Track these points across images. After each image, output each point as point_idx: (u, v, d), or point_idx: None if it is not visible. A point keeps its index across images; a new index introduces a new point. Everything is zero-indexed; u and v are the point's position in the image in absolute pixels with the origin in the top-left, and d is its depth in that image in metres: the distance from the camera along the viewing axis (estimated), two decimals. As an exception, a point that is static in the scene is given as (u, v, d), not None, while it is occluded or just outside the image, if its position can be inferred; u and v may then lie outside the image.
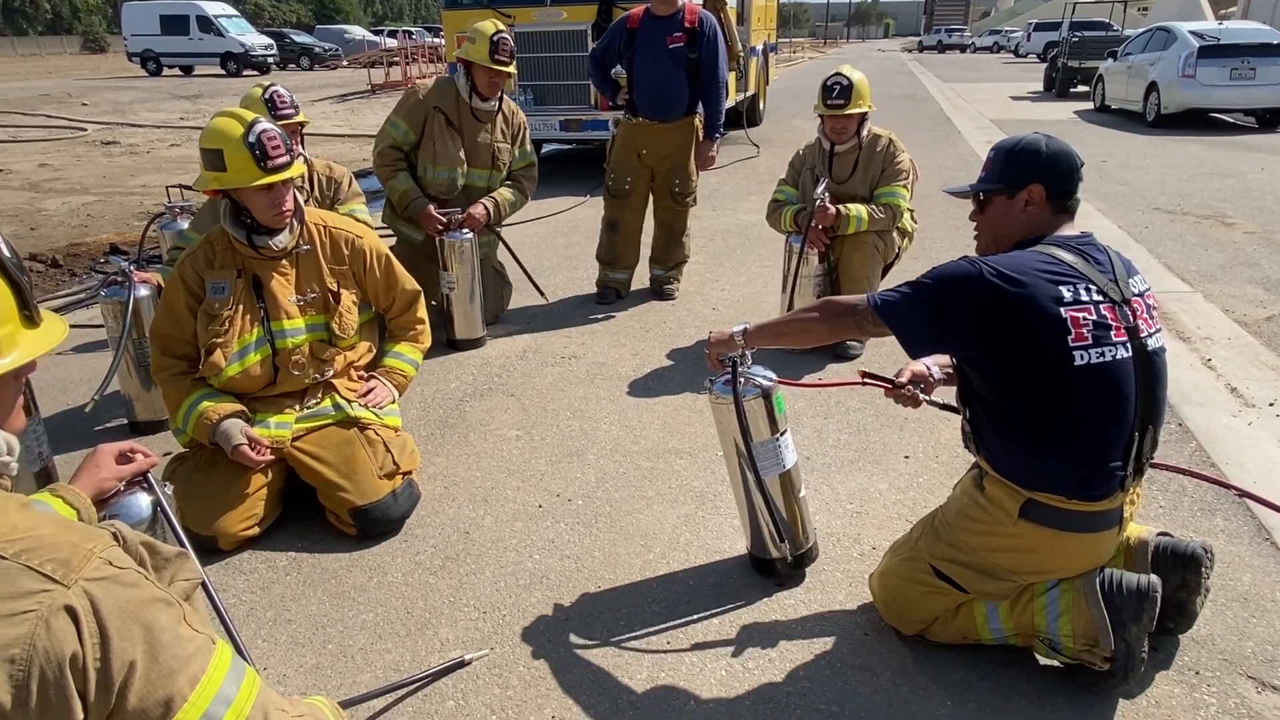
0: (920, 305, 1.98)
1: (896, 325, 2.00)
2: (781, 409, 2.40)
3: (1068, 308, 1.85)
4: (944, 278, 1.96)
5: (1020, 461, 1.96)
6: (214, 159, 2.58)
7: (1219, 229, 6.64)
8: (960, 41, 55.78)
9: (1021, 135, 2.09)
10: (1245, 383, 3.80)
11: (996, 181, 2.06)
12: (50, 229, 7.53)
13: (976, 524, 2.04)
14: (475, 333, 4.45)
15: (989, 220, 2.11)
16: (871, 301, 2.03)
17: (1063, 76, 18.68)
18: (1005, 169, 2.05)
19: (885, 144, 4.12)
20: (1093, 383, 1.86)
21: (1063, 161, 2.01)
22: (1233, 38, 12.60)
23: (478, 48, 4.15)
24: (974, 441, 2.09)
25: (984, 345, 1.93)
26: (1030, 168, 2.01)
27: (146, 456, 1.76)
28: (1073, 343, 1.84)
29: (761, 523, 2.44)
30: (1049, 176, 2.00)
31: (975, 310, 1.89)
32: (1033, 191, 2.00)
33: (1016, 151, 2.04)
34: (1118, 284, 1.93)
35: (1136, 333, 1.91)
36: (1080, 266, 1.91)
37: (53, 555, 1.07)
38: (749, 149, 10.62)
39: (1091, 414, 1.89)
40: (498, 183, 4.52)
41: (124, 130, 14.57)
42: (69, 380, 4.06)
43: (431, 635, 2.31)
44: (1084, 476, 1.92)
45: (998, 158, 2.08)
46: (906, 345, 2.04)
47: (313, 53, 34.40)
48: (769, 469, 2.38)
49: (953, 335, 1.97)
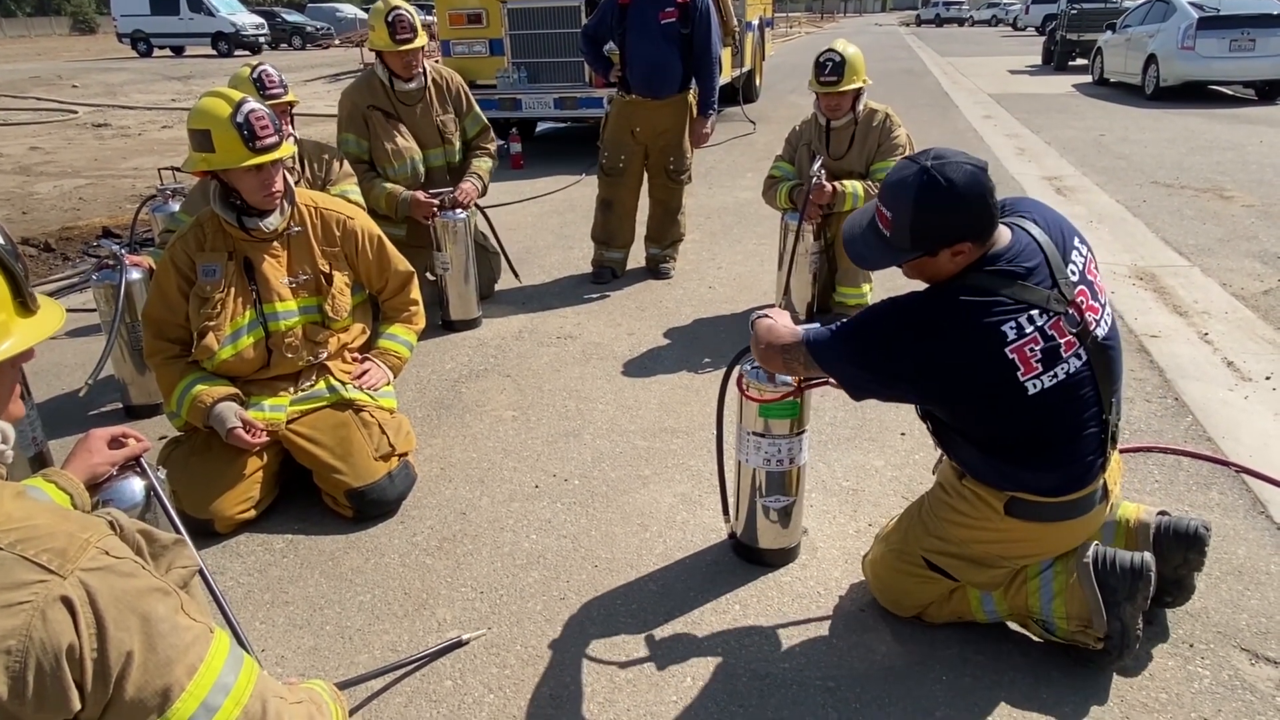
0: (855, 355, 1.91)
1: (832, 371, 1.95)
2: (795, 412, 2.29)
3: (1013, 346, 1.76)
4: (875, 330, 1.88)
5: (994, 471, 1.95)
6: (202, 140, 2.55)
7: (1217, 202, 6.61)
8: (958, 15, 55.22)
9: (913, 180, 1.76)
10: (1242, 357, 3.80)
11: (910, 251, 1.82)
12: (42, 213, 7.48)
13: (964, 517, 2.03)
14: (470, 313, 4.44)
15: (913, 270, 1.90)
16: (806, 341, 1.95)
17: (1061, 49, 18.51)
18: (915, 236, 1.79)
19: (882, 119, 4.09)
20: (1051, 402, 1.82)
21: (974, 201, 1.74)
22: (1232, 9, 12.46)
23: (378, 34, 4.09)
24: (945, 448, 2.07)
25: (928, 392, 1.89)
26: (946, 228, 1.76)
27: (139, 441, 1.76)
28: (1023, 377, 1.78)
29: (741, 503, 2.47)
30: (969, 229, 1.76)
31: (913, 371, 1.84)
32: (959, 250, 1.79)
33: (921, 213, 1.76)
34: (1058, 286, 1.81)
35: (1086, 331, 1.83)
36: (1017, 294, 1.77)
37: (49, 545, 1.06)
38: (745, 125, 10.54)
39: (1057, 428, 1.87)
40: (455, 156, 4.46)
41: (115, 112, 14.44)
42: (63, 365, 4.05)
43: (429, 616, 2.32)
44: (1062, 478, 1.91)
45: (900, 219, 1.79)
46: (848, 390, 1.98)
47: (305, 32, 34.05)
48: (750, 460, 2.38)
49: (897, 387, 1.91)
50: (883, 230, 1.86)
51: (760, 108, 12.17)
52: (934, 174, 1.75)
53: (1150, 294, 4.61)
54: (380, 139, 4.22)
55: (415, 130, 4.30)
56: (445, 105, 4.40)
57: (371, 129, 4.23)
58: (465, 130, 4.50)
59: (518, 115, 8.78)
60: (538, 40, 8.53)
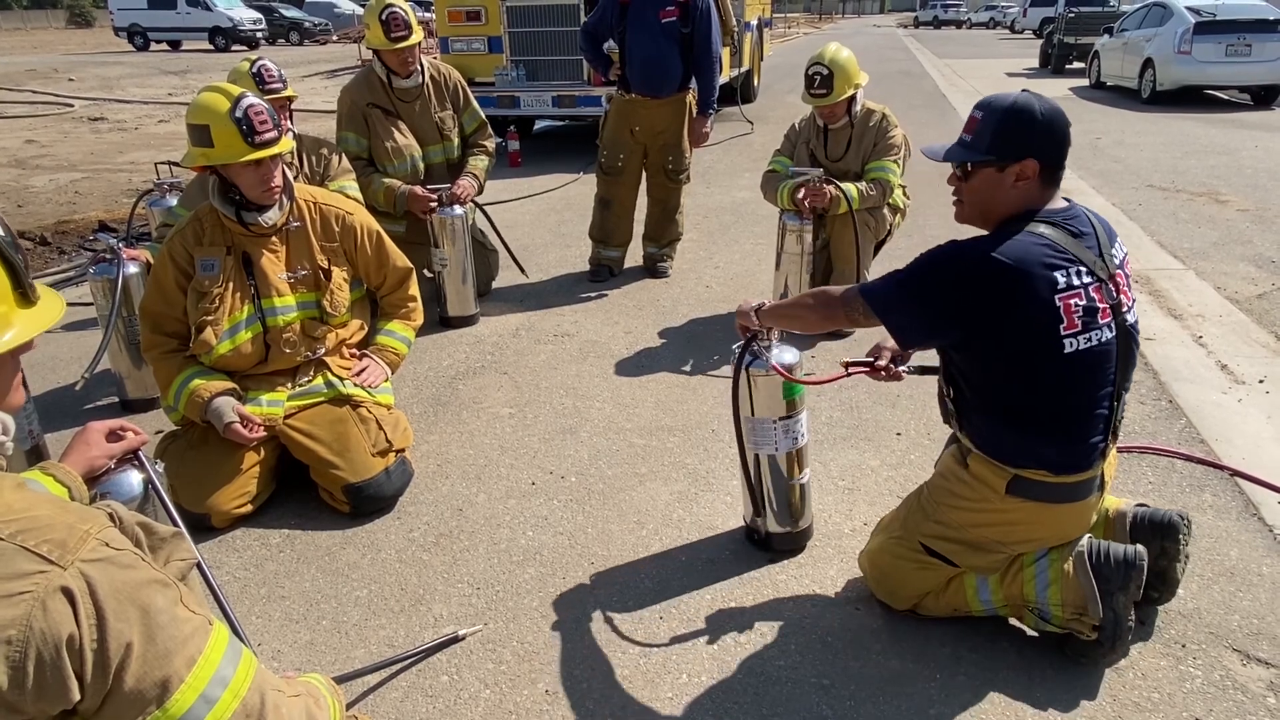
0: (910, 295, 1.94)
1: (886, 316, 1.97)
2: (796, 393, 2.38)
3: (1061, 295, 1.82)
4: (934, 265, 1.91)
5: (1006, 442, 1.97)
6: (201, 135, 2.55)
7: (1212, 206, 6.64)
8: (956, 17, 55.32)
9: (1012, 96, 1.91)
10: (1236, 360, 3.82)
11: (985, 152, 1.90)
12: (38, 206, 7.45)
13: (963, 501, 2.05)
14: (468, 310, 4.44)
15: (974, 192, 1.96)
16: (861, 291, 2.00)
17: (1058, 53, 18.56)
18: (996, 138, 1.89)
19: (879, 119, 4.10)
20: (1080, 367, 1.86)
21: (1059, 132, 1.89)
22: (1229, 14, 12.50)
23: (373, 33, 4.10)
24: (957, 420, 2.08)
25: (975, 333, 1.90)
26: (1025, 141, 1.87)
27: (137, 434, 1.76)
28: (1064, 331, 1.83)
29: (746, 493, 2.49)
30: (1044, 151, 1.87)
31: (967, 299, 1.85)
32: (1026, 167, 1.87)
33: (1009, 118, 1.88)
34: (1103, 258, 1.91)
35: (1119, 309, 1.91)
36: (1070, 246, 1.86)
37: (49, 536, 1.06)
38: (743, 125, 10.54)
39: (1078, 397, 1.90)
40: (454, 153, 4.46)
41: (111, 106, 14.39)
42: (59, 358, 4.04)
43: (425, 611, 2.33)
44: (1069, 454, 1.94)
45: (987, 121, 1.90)
46: (897, 336, 2.02)
47: (302, 27, 33.93)
48: (762, 445, 2.41)
49: (944, 324, 1.92)
50: (965, 136, 1.96)
51: (758, 108, 12.17)
52: (1030, 95, 1.91)
53: (1145, 297, 4.63)
54: (379, 136, 4.22)
55: (414, 127, 4.30)
56: (444, 102, 4.39)
57: (371, 126, 4.23)
58: (463, 126, 4.50)
59: (516, 113, 8.78)
60: (536, 38, 8.53)
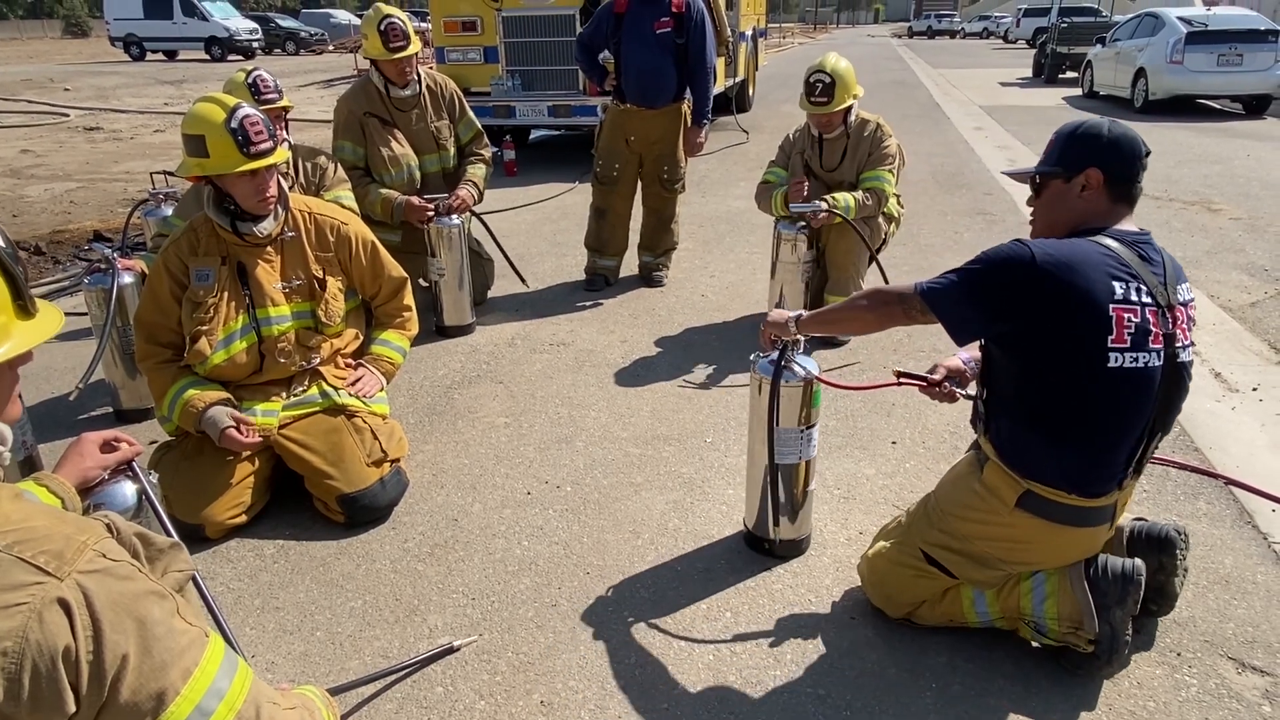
0: (969, 292, 1.92)
1: (944, 313, 1.95)
2: (817, 403, 2.41)
3: (1116, 305, 1.80)
4: (994, 262, 1.90)
5: (1027, 451, 1.95)
6: (196, 145, 2.56)
7: (1205, 215, 6.67)
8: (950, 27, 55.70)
9: (1085, 118, 2.01)
10: (1229, 368, 3.83)
11: (1054, 164, 1.98)
12: (33, 216, 7.45)
13: (971, 511, 2.05)
14: (464, 319, 4.44)
15: (1043, 205, 2.03)
16: (919, 289, 1.98)
17: (1051, 62, 18.68)
18: (1064, 151, 1.97)
19: (873, 128, 4.12)
20: (1119, 386, 1.83)
21: (1125, 146, 1.92)
22: (1220, 24, 12.62)
23: (371, 43, 4.12)
24: (983, 422, 2.08)
25: (1027, 330, 1.87)
26: (1089, 151, 1.93)
27: (131, 445, 1.76)
28: (1111, 343, 1.80)
29: (767, 504, 2.49)
30: (1108, 161, 1.91)
31: (1023, 294, 1.84)
32: (1090, 176, 1.91)
33: (1077, 134, 1.96)
34: (1166, 288, 1.87)
35: (1172, 341, 1.87)
36: (1135, 264, 1.85)
37: (46, 547, 1.06)
38: (738, 135, 10.58)
39: (1110, 416, 1.87)
40: (450, 162, 4.48)
41: (107, 116, 14.40)
42: (53, 368, 4.03)
43: (420, 622, 2.32)
44: (1088, 473, 1.92)
45: (1058, 140, 2.00)
46: (953, 333, 1.98)
47: (298, 37, 34.05)
48: (788, 455, 2.42)
49: (1000, 318, 1.90)
50: (1041, 158, 2.05)
51: (753, 117, 12.22)
52: (1103, 119, 2.00)
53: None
54: (376, 145, 4.22)
55: (411, 136, 4.31)
56: (440, 111, 4.41)
57: (368, 136, 4.24)
58: (460, 135, 4.52)
59: (512, 123, 8.81)
60: (532, 48, 8.56)
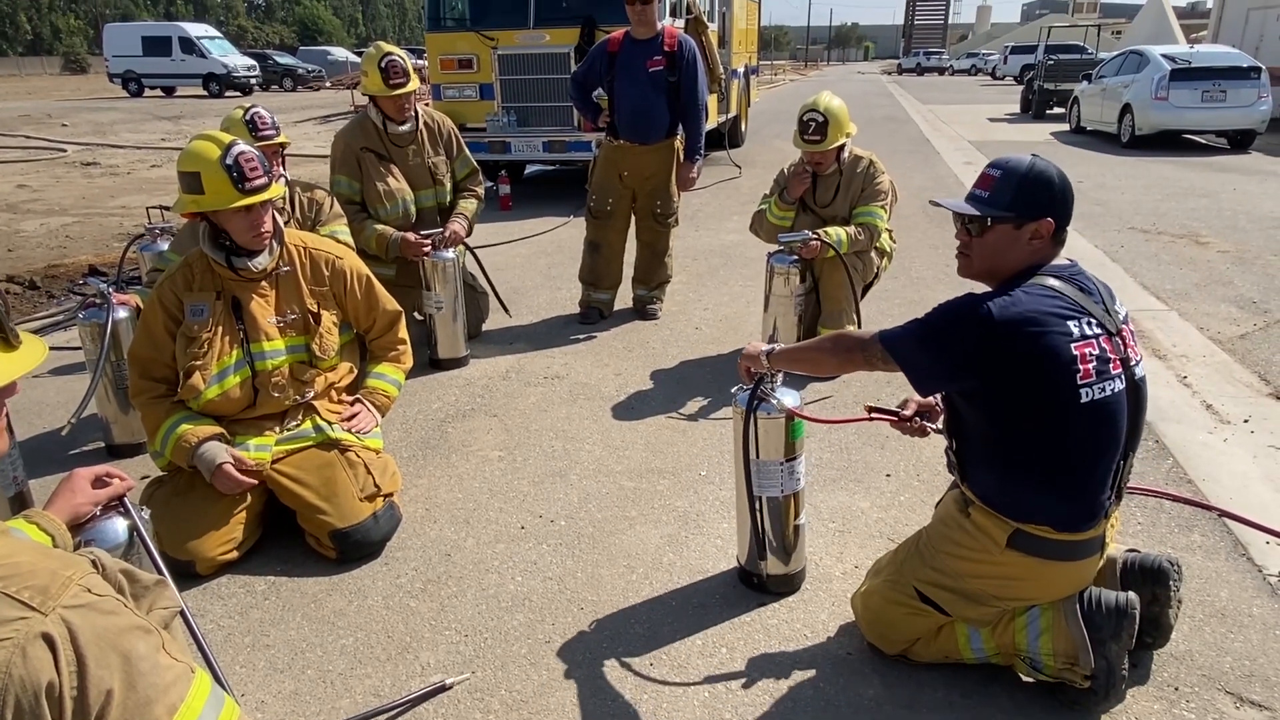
0: (928, 343, 1.94)
1: (903, 360, 1.97)
2: (799, 435, 2.40)
3: (1077, 343, 1.83)
4: (953, 316, 1.92)
5: (1011, 495, 1.96)
6: (191, 182, 2.58)
7: (1193, 248, 6.75)
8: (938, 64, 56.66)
9: (1029, 159, 1.95)
10: (1220, 400, 3.85)
11: (1006, 208, 1.92)
12: (28, 250, 7.46)
13: (962, 549, 2.04)
14: (458, 352, 4.45)
15: (986, 247, 1.97)
16: (881, 338, 2.01)
17: (1039, 98, 18.99)
18: (1017, 197, 1.91)
19: (866, 165, 4.18)
20: (1094, 419, 1.85)
21: (1070, 194, 1.94)
22: (1204, 61, 12.86)
23: (371, 79, 4.18)
24: (960, 471, 2.08)
25: (992, 383, 1.89)
26: (1044, 200, 1.91)
27: (123, 480, 1.75)
28: (1080, 380, 1.83)
29: (752, 537, 2.48)
30: (1060, 211, 1.92)
31: (985, 350, 1.86)
32: (1043, 226, 1.90)
33: (1030, 179, 1.92)
34: (1109, 313, 1.93)
35: (1127, 362, 1.91)
36: (1079, 299, 1.89)
37: (31, 583, 1.06)
38: (731, 170, 10.70)
39: (1089, 449, 1.89)
40: (446, 197, 4.52)
41: (104, 151, 14.49)
42: (45, 403, 4.02)
43: (412, 659, 2.29)
44: (1075, 509, 1.93)
45: (1005, 181, 1.93)
46: (915, 382, 2.01)
47: (296, 74, 34.44)
48: (768, 487, 2.41)
49: (962, 374, 1.93)
50: (980, 192, 1.99)
51: (746, 152, 12.36)
52: (1044, 160, 1.97)
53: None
54: (373, 180, 4.26)
55: (407, 172, 4.36)
56: (437, 148, 4.46)
57: (364, 170, 4.28)
58: (455, 172, 4.56)
59: (507, 158, 8.89)
60: (527, 85, 8.68)
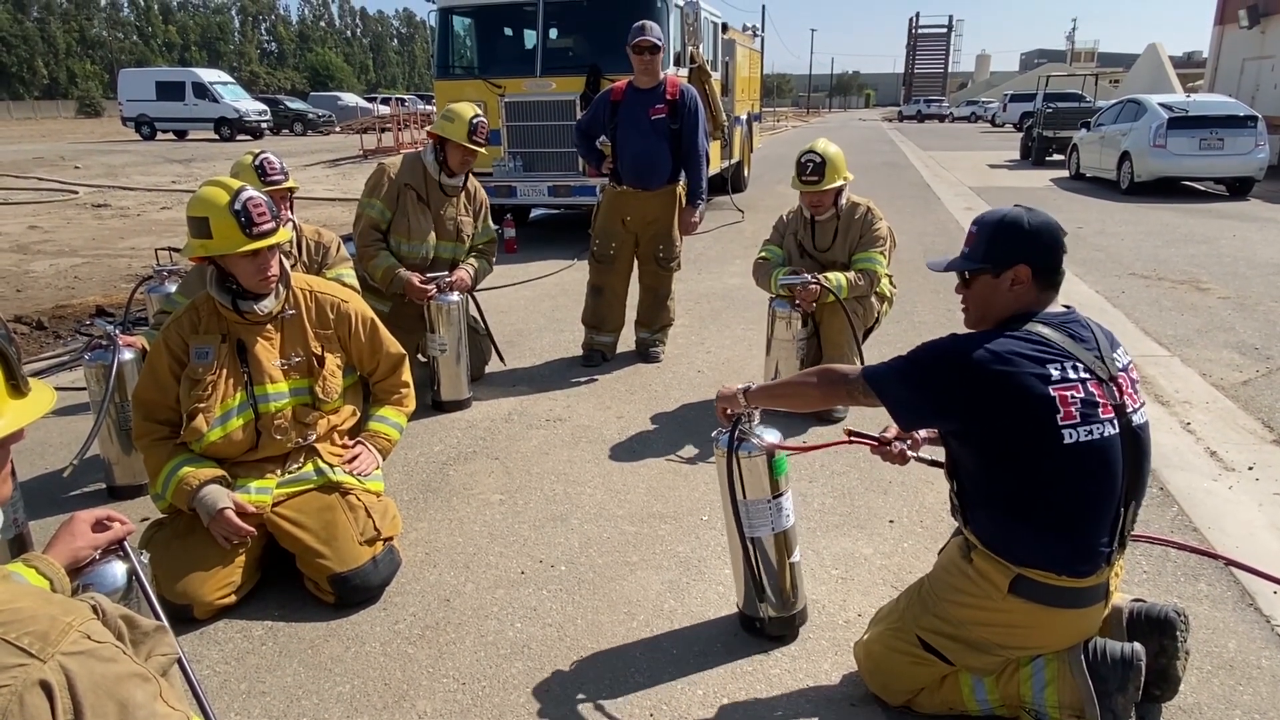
0: (909, 379, 2.00)
1: (886, 394, 2.02)
2: (782, 471, 2.41)
3: (1055, 386, 1.85)
4: (931, 353, 1.98)
5: (1010, 538, 1.95)
6: (200, 226, 2.62)
7: (1194, 294, 6.78)
8: (939, 111, 57.45)
9: (1003, 210, 2.05)
10: (1224, 446, 3.84)
11: (981, 261, 2.01)
12: (37, 290, 7.53)
13: (965, 596, 2.03)
14: (461, 394, 4.46)
15: (975, 298, 2.07)
16: (865, 373, 2.06)
17: (1038, 145, 19.23)
18: (990, 248, 2.00)
19: (863, 211, 4.22)
20: (1082, 461, 1.86)
21: (1046, 238, 1.98)
22: (1201, 110, 13.04)
23: (456, 127, 4.30)
24: (961, 515, 2.08)
25: (975, 421, 1.92)
26: (1015, 248, 1.97)
27: (123, 524, 1.75)
28: (1061, 421, 1.85)
29: (748, 580, 2.46)
30: (1035, 256, 1.97)
31: (961, 391, 1.90)
32: (1019, 272, 1.96)
33: (1000, 229, 2.00)
34: (1103, 360, 1.94)
35: (1123, 410, 1.92)
36: (1066, 345, 1.91)
37: (30, 629, 1.06)
38: (734, 214, 10.81)
39: (1081, 492, 1.89)
40: (462, 254, 4.66)
41: (115, 193, 14.69)
42: (47, 444, 4.02)
43: (409, 708, 2.26)
44: (1074, 553, 1.92)
45: (980, 234, 2.04)
46: (897, 417, 2.05)
47: (306, 118, 35.01)
48: (759, 527, 2.40)
49: (944, 410, 1.97)
50: (965, 249, 2.08)
51: (748, 197, 12.50)
52: (1021, 209, 2.04)
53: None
54: (405, 215, 4.40)
55: (438, 220, 4.49)
56: (469, 210, 4.64)
57: (400, 204, 4.41)
58: (475, 236, 4.69)
59: (513, 202, 9.01)
60: (533, 131, 8.83)
